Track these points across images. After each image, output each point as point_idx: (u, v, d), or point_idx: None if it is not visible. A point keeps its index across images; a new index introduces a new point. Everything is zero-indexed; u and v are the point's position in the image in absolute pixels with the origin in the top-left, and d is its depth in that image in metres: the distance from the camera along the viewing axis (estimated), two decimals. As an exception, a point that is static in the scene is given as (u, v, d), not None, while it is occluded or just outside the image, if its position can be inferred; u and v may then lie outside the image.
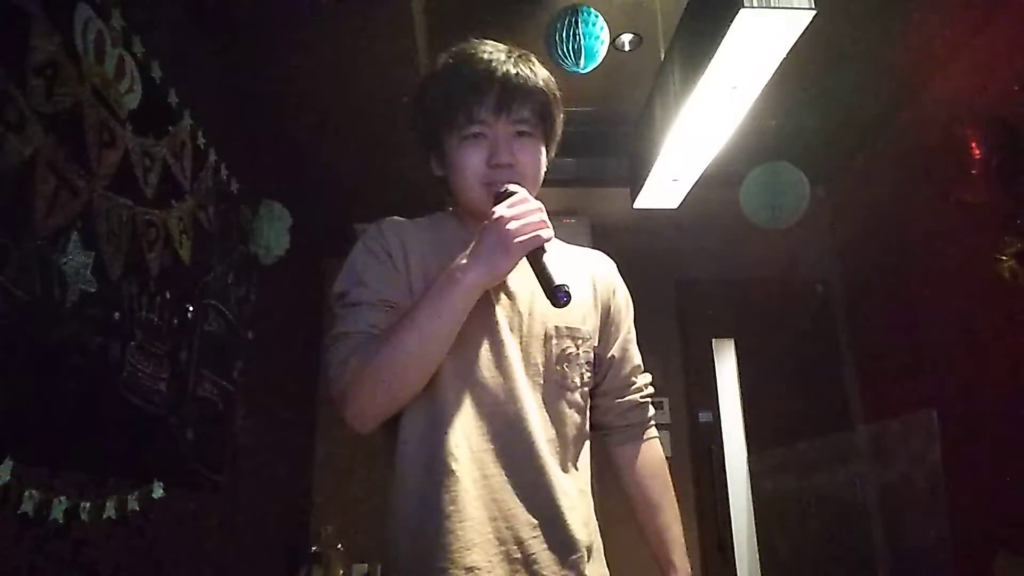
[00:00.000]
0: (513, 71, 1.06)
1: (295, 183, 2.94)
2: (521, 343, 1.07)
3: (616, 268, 1.27)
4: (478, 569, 0.96)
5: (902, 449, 3.09)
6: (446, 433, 1.00)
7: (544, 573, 0.99)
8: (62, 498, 1.41)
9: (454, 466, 0.98)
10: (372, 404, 0.98)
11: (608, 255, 1.28)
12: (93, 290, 1.54)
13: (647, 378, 1.26)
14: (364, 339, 0.99)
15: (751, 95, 1.88)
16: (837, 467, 3.48)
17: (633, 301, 1.30)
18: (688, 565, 1.19)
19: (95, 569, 1.56)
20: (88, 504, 1.50)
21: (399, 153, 2.85)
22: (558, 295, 0.92)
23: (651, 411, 1.25)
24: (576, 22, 2.20)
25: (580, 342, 1.11)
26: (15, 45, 1.31)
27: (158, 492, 1.82)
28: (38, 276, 1.35)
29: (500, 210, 0.96)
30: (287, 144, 2.81)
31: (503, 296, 1.08)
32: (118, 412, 1.67)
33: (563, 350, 1.09)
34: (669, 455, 3.65)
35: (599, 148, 3.22)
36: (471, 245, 0.97)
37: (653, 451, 1.24)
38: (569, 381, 1.09)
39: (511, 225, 0.94)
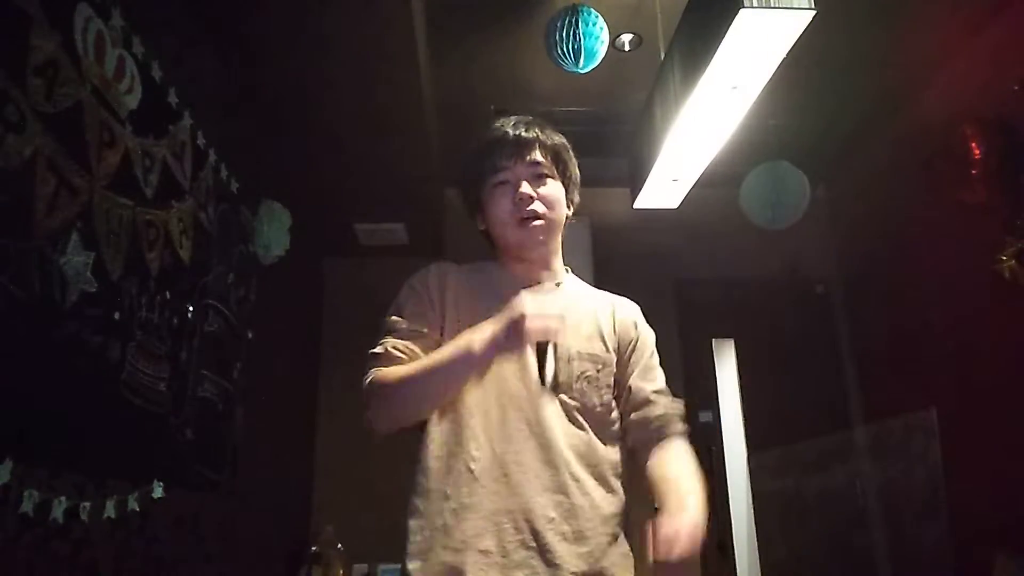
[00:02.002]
0: (524, 129, 1.29)
1: (295, 183, 2.94)
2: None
3: (640, 311, 1.38)
4: (491, 553, 1.09)
5: (902, 449, 3.09)
6: (469, 440, 1.16)
7: (557, 561, 1.10)
8: (62, 498, 1.41)
9: (473, 465, 1.14)
10: (381, 418, 1.19)
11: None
12: (93, 290, 1.54)
13: (667, 400, 1.31)
14: (388, 360, 1.20)
15: (751, 95, 1.88)
16: (837, 467, 3.48)
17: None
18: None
19: (95, 569, 1.56)
20: (88, 504, 1.50)
21: (399, 153, 2.85)
22: (544, 377, 1.16)
23: (679, 426, 1.29)
24: (576, 22, 2.20)
25: (600, 367, 1.25)
26: (15, 45, 1.31)
27: (158, 492, 1.82)
28: (38, 276, 1.35)
29: (528, 305, 1.08)
30: (287, 144, 2.80)
31: None
32: (118, 412, 1.67)
33: (583, 372, 1.23)
34: (669, 455, 3.68)
35: (599, 148, 3.21)
36: (502, 295, 1.15)
37: (676, 445, 1.28)
38: (587, 400, 1.22)
39: (530, 324, 1.07)
